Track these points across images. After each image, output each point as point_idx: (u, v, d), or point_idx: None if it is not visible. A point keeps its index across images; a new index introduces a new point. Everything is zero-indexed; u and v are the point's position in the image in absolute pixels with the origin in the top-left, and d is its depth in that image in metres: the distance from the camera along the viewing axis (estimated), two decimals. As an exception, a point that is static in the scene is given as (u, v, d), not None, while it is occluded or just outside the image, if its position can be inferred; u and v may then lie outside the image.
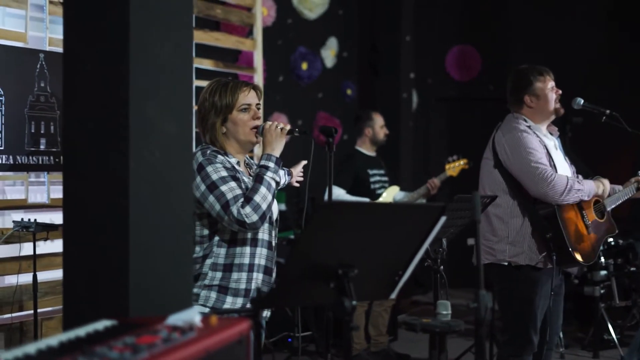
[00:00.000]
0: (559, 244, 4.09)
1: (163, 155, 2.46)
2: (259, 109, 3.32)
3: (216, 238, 3.15)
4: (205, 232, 3.16)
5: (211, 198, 3.06)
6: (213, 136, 3.24)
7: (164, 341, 1.77)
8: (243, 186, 3.14)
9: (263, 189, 3.10)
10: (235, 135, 3.26)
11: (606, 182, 4.36)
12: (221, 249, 3.14)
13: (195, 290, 3.11)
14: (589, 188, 4.22)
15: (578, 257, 4.12)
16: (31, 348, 1.73)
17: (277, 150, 3.23)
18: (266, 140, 3.24)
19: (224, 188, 3.07)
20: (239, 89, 3.26)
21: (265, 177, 3.14)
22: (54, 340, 1.80)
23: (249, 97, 3.28)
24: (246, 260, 3.16)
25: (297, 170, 3.69)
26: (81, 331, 1.89)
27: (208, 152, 3.17)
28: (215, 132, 3.24)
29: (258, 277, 3.19)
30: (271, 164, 3.18)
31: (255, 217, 3.04)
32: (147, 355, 1.65)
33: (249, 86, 3.31)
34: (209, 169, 3.10)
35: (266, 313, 3.26)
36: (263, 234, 3.23)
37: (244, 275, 3.14)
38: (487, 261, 4.23)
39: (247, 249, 3.17)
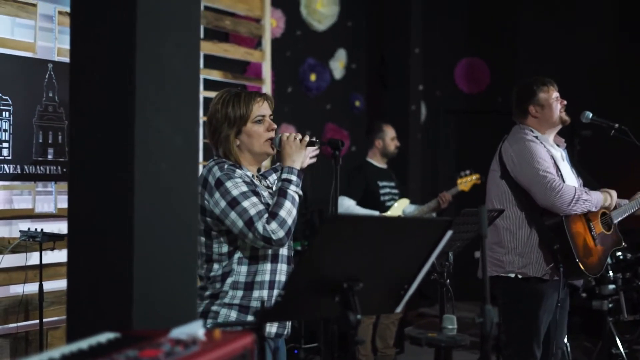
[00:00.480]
0: (567, 255, 4.08)
1: (169, 167, 2.46)
2: (271, 119, 3.22)
3: (236, 255, 3.04)
4: (225, 249, 3.04)
5: (233, 215, 2.95)
6: (227, 149, 3.13)
7: (166, 355, 1.75)
8: (263, 201, 3.04)
9: (288, 204, 3.01)
10: (250, 148, 3.15)
11: (613, 193, 4.34)
12: (242, 266, 3.03)
13: (214, 307, 3.03)
14: (597, 199, 4.20)
15: (585, 268, 4.10)
16: (33, 360, 1.72)
17: (297, 163, 3.13)
18: (286, 152, 3.14)
19: (246, 204, 2.96)
20: (253, 100, 3.15)
21: (288, 190, 3.04)
22: (56, 352, 1.79)
23: (263, 108, 3.17)
24: (267, 277, 3.06)
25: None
26: (84, 344, 1.88)
27: (225, 166, 3.06)
28: (230, 144, 3.12)
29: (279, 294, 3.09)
30: (294, 177, 3.08)
31: (282, 233, 2.95)
32: (149, 369, 1.64)
33: (262, 96, 3.21)
34: (229, 184, 2.99)
35: (286, 331, 3.19)
36: (282, 249, 3.12)
37: (265, 292, 3.04)
38: (494, 273, 4.21)
39: (268, 265, 3.07)
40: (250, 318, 3.02)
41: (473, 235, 3.87)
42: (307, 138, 3.18)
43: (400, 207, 6.49)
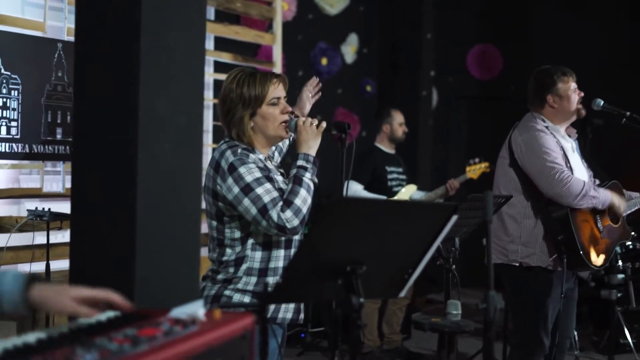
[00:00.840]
0: (571, 246, 4.05)
1: (172, 148, 2.45)
2: (286, 101, 3.12)
3: (250, 241, 2.97)
4: (237, 234, 2.97)
5: (246, 201, 2.87)
6: (241, 131, 3.01)
7: (165, 334, 1.75)
8: (277, 186, 2.97)
9: (303, 192, 2.93)
10: (263, 130, 3.05)
11: (623, 199, 4.28)
12: (256, 252, 2.97)
13: (227, 292, 2.96)
14: (604, 198, 4.15)
15: (589, 261, 4.07)
16: (31, 337, 1.72)
17: (313, 149, 3.04)
18: (302, 138, 3.04)
19: (260, 190, 2.88)
20: (269, 81, 3.04)
21: (304, 178, 2.96)
22: (54, 330, 1.79)
23: (278, 90, 3.06)
24: (281, 264, 3.00)
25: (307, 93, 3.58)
26: (84, 322, 1.88)
27: (239, 150, 2.96)
28: (244, 126, 3.01)
29: None
30: (309, 165, 3.00)
31: (296, 222, 2.88)
32: (146, 348, 1.63)
33: (279, 78, 3.10)
34: (242, 169, 2.90)
35: (300, 316, 3.12)
36: (296, 235, 3.03)
37: (278, 279, 2.96)
38: (499, 261, 4.20)
39: (282, 252, 3.01)
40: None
41: (479, 221, 3.86)
42: (324, 124, 3.09)
43: (408, 193, 6.48)
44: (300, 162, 3.01)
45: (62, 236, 4.91)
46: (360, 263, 2.37)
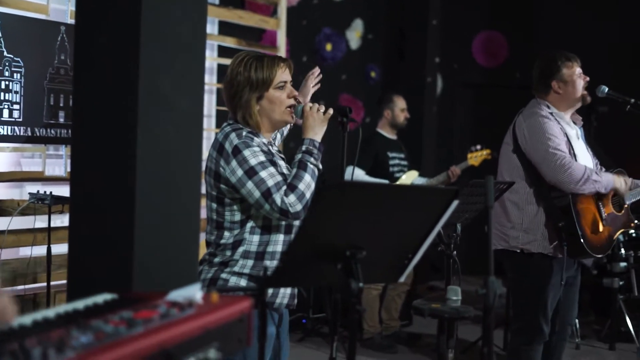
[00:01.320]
0: (572, 234, 4.03)
1: (173, 131, 2.44)
2: (292, 86, 3.11)
3: (249, 224, 2.96)
4: (237, 217, 2.97)
5: (250, 184, 2.86)
6: (247, 114, 3.00)
7: (161, 317, 1.75)
8: (280, 171, 2.96)
9: (307, 177, 2.93)
10: (269, 114, 3.05)
11: (628, 179, 4.28)
12: (254, 236, 2.96)
13: (224, 275, 2.95)
14: (607, 181, 4.14)
15: (590, 248, 4.05)
16: (27, 319, 1.72)
17: (319, 135, 3.04)
18: (308, 123, 3.04)
19: (264, 174, 2.87)
20: (277, 65, 3.03)
21: (309, 163, 2.96)
22: (51, 312, 1.79)
23: (285, 74, 3.06)
24: (279, 248, 2.99)
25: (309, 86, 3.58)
26: (80, 304, 1.88)
27: (244, 133, 2.95)
28: (251, 109, 3.00)
29: None
30: (315, 150, 3.00)
31: (299, 207, 2.87)
32: (142, 330, 1.63)
33: (286, 62, 3.09)
34: (247, 152, 2.88)
35: (294, 301, 3.13)
36: (296, 221, 3.02)
37: (275, 263, 2.95)
38: (500, 247, 4.20)
39: (281, 237, 3.00)
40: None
41: (481, 207, 3.84)
42: (330, 111, 3.08)
43: (409, 179, 6.47)
44: (305, 147, 3.01)
45: (63, 220, 4.91)
46: (360, 248, 2.36)
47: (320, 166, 3.04)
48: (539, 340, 4.12)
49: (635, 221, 4.44)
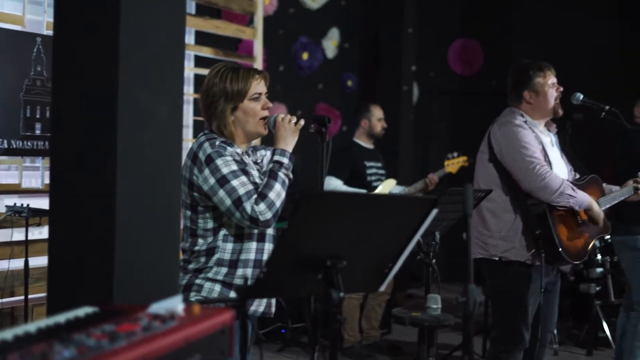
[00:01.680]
0: (549, 241, 4.06)
1: (153, 139, 2.43)
2: (267, 97, 3.17)
3: (222, 232, 3.02)
4: (210, 225, 3.02)
5: (221, 192, 2.92)
6: (222, 124, 3.07)
7: (143, 329, 1.74)
8: (252, 180, 3.01)
9: (277, 186, 2.98)
10: (243, 125, 3.11)
11: (601, 211, 4.26)
12: (227, 243, 3.02)
13: (198, 281, 3.01)
14: (582, 200, 4.13)
15: (567, 255, 4.08)
16: (8, 334, 1.70)
17: (290, 146, 3.09)
18: (279, 134, 3.09)
19: (235, 183, 2.93)
20: (252, 76, 3.10)
21: (279, 173, 3.01)
22: (32, 326, 1.78)
23: (260, 86, 3.12)
24: (252, 256, 3.05)
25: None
26: (61, 317, 1.87)
27: (217, 142, 3.01)
28: (225, 119, 3.06)
29: None
30: (285, 160, 3.05)
31: (269, 215, 2.93)
32: (124, 344, 1.62)
33: (261, 74, 3.16)
34: (219, 161, 2.95)
35: (272, 310, 3.17)
36: (269, 229, 3.11)
37: (249, 271, 3.02)
38: (479, 255, 4.21)
39: (254, 244, 3.06)
40: (233, 294, 3.01)
41: (460, 215, 3.85)
42: (302, 122, 3.12)
43: (387, 188, 6.49)
44: (276, 158, 3.06)
45: (40, 232, 4.88)
46: (341, 257, 2.37)
47: (291, 176, 3.09)
48: (519, 347, 4.14)
49: (609, 231, 4.46)
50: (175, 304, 1.92)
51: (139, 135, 2.39)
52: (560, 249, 4.05)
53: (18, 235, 4.80)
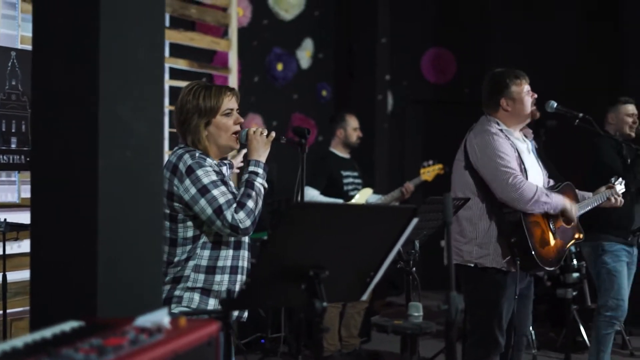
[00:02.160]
0: (524, 249, 4.10)
1: (134, 155, 2.44)
2: (238, 114, 3.31)
3: (201, 240, 3.13)
4: (190, 234, 3.13)
5: (202, 202, 3.04)
6: (196, 139, 3.20)
7: (131, 343, 1.74)
8: (230, 190, 3.14)
9: (254, 195, 3.11)
10: (216, 140, 3.23)
11: (575, 207, 4.33)
12: (205, 251, 3.12)
13: (177, 292, 3.10)
14: (556, 203, 4.20)
15: (541, 262, 4.13)
16: (-5, 349, 1.70)
17: (263, 157, 3.24)
18: (252, 146, 3.23)
19: (215, 192, 3.05)
20: (223, 93, 3.24)
21: (255, 183, 3.15)
22: (18, 341, 1.78)
23: (232, 102, 3.26)
24: (229, 263, 3.15)
25: (238, 161, 3.68)
26: (47, 332, 1.87)
27: (197, 154, 3.13)
28: (199, 134, 3.19)
29: (240, 279, 3.17)
30: (260, 170, 3.19)
31: (248, 223, 3.05)
32: (113, 357, 1.63)
33: (232, 91, 3.30)
34: (200, 172, 3.07)
35: (244, 314, 3.24)
36: (246, 237, 3.22)
37: (225, 277, 3.13)
38: (455, 262, 4.24)
39: (231, 252, 3.16)
40: (212, 301, 3.09)
41: (439, 224, 3.89)
42: (273, 134, 3.27)
43: (364, 197, 6.51)
44: (251, 168, 3.20)
45: (18, 246, 4.85)
46: (323, 267, 2.39)
47: (266, 185, 3.23)
48: (495, 352, 4.17)
49: (582, 236, 4.52)
50: (161, 317, 1.93)
51: (120, 150, 2.40)
52: (535, 257, 4.09)
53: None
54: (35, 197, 2.47)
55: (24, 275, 4.87)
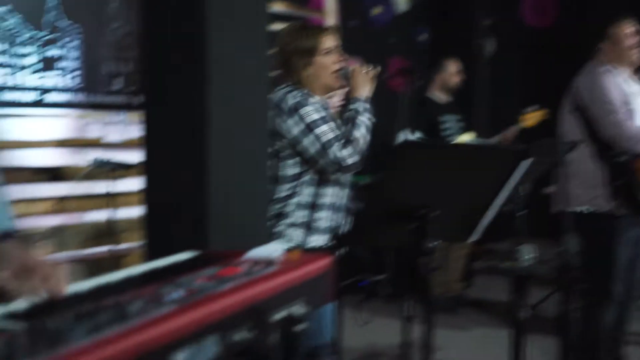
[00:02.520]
0: (630, 192, 4.00)
1: (241, 89, 2.45)
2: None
3: (303, 178, 3.09)
4: (293, 171, 3.09)
5: (311, 137, 3.00)
6: (298, 79, 3.16)
7: (246, 274, 1.75)
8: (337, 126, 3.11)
9: (363, 130, 3.07)
10: (318, 79, 3.18)
11: None
12: (307, 188, 3.09)
13: (279, 228, 3.07)
14: None
15: None
16: (114, 277, 1.73)
17: (366, 92, 3.19)
18: (356, 83, 3.19)
19: (324, 128, 3.01)
20: (321, 32, 3.21)
21: (362, 118, 3.10)
22: (136, 269, 1.81)
23: (330, 40, 3.21)
24: (330, 200, 3.11)
25: (334, 101, 3.65)
26: (164, 261, 1.90)
27: (301, 93, 3.10)
28: (300, 75, 3.15)
29: (342, 217, 3.14)
30: (365, 105, 3.15)
31: (355, 159, 3.00)
32: (231, 285, 1.64)
33: (330, 29, 3.26)
34: (307, 108, 3.03)
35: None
36: (347, 175, 3.18)
37: (328, 214, 3.10)
38: (564, 208, 4.16)
39: (333, 189, 3.13)
40: (314, 237, 3.06)
41: (545, 168, 3.80)
42: (378, 68, 3.22)
43: (465, 141, 6.41)
44: (355, 105, 3.15)
45: (125, 185, 4.97)
46: (433, 207, 2.36)
47: (374, 119, 3.15)
48: (611, 301, 4.09)
49: None
50: (275, 249, 1.93)
51: (229, 86, 2.41)
52: None
53: (102, 187, 4.88)
54: (149, 135, 2.51)
55: (130, 212, 4.98)
